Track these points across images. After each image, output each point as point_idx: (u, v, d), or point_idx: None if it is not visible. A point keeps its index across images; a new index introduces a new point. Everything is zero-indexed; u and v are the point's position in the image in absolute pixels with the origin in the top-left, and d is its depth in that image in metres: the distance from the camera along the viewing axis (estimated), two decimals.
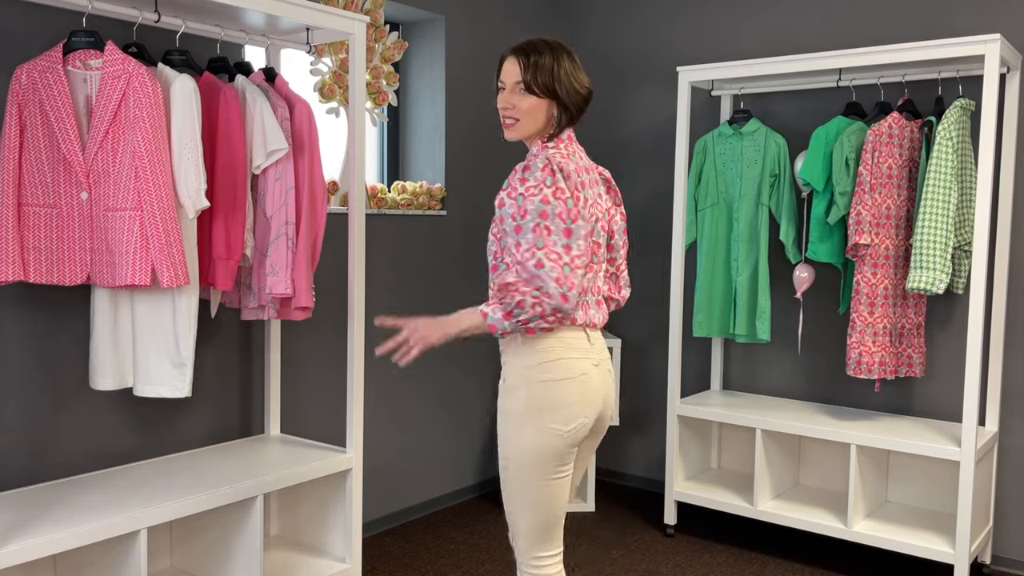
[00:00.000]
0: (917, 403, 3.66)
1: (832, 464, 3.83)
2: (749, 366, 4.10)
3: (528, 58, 2.02)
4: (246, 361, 3.23)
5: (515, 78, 2.04)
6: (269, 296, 2.75)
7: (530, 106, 2.03)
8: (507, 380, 2.04)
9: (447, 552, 3.58)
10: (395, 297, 3.81)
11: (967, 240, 3.31)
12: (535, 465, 2.01)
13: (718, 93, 4.01)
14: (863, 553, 3.65)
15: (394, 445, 3.86)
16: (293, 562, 2.98)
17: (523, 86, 2.04)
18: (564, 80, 2.04)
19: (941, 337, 3.59)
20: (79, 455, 2.75)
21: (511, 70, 2.05)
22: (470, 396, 4.23)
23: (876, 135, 3.30)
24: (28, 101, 2.39)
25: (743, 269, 3.73)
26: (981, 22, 3.46)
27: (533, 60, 2.02)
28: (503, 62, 2.08)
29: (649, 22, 4.35)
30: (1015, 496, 3.47)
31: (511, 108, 2.05)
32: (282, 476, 2.76)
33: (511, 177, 2.00)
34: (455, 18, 4.02)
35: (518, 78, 2.04)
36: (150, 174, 2.38)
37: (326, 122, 3.72)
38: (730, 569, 3.45)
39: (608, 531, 3.85)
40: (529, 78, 2.02)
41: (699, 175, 3.85)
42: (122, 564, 2.44)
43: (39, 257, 2.41)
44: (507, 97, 2.05)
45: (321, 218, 2.86)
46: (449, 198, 4.05)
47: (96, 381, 2.58)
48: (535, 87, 2.02)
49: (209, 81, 2.68)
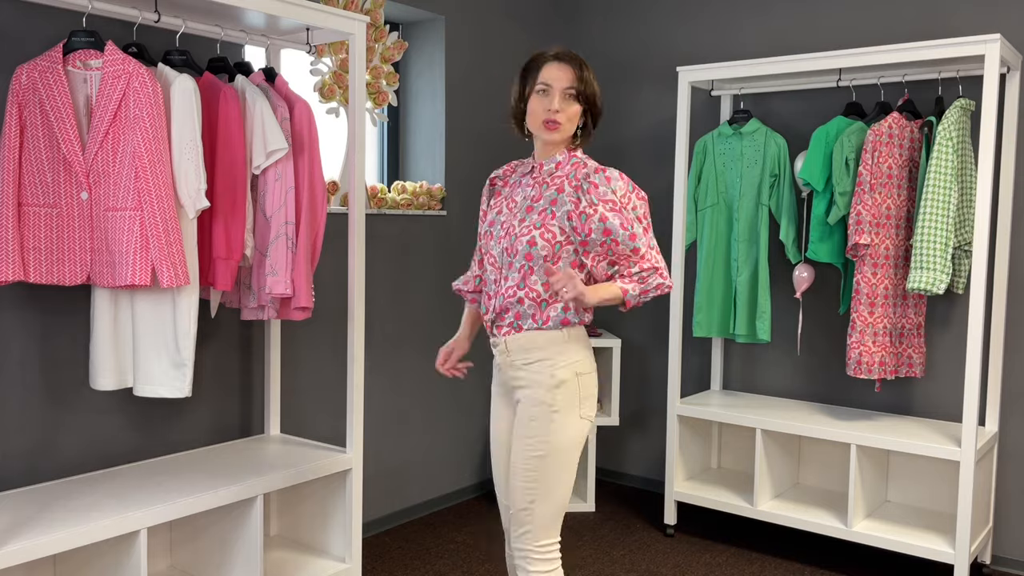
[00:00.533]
0: (917, 403, 3.66)
1: (832, 464, 3.82)
2: (749, 366, 4.10)
3: (581, 69, 2.16)
4: (246, 361, 3.23)
5: (566, 84, 2.15)
6: (269, 296, 2.75)
7: (574, 112, 2.17)
8: (556, 375, 2.13)
9: (447, 552, 3.58)
10: (395, 297, 3.81)
11: (967, 240, 3.31)
12: (574, 454, 2.17)
13: (718, 93, 4.01)
14: (863, 553, 3.65)
15: (394, 445, 3.86)
16: (293, 562, 2.98)
17: (573, 93, 2.16)
18: (600, 95, 2.22)
19: (941, 337, 3.59)
20: (79, 455, 2.75)
21: (562, 76, 2.15)
22: (470, 396, 4.23)
23: (876, 135, 3.30)
24: (28, 101, 2.39)
25: (743, 269, 3.73)
26: (981, 22, 3.46)
27: (584, 72, 2.16)
28: (545, 65, 2.17)
29: (649, 22, 4.35)
30: (1015, 496, 3.47)
31: (559, 112, 2.15)
32: (282, 476, 2.76)
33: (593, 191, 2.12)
34: (455, 18, 4.02)
35: (569, 85, 2.15)
36: (150, 174, 2.38)
37: (326, 122, 3.72)
38: (730, 569, 3.45)
39: (608, 531, 3.85)
40: (581, 88, 2.16)
41: (699, 175, 3.85)
42: (122, 564, 2.44)
43: (39, 257, 2.41)
44: (557, 101, 2.14)
45: (321, 218, 2.86)
46: (449, 198, 4.05)
47: (96, 381, 2.58)
48: (583, 96, 2.17)
49: (209, 81, 2.68)
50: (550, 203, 2.16)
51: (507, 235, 2.19)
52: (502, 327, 2.20)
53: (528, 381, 2.16)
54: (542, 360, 2.15)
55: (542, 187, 2.20)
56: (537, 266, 2.14)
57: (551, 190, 2.18)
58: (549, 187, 2.19)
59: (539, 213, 2.15)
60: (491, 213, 2.28)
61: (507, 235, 2.19)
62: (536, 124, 2.17)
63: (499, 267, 2.21)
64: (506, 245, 2.18)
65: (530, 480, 2.13)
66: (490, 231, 2.25)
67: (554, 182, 2.19)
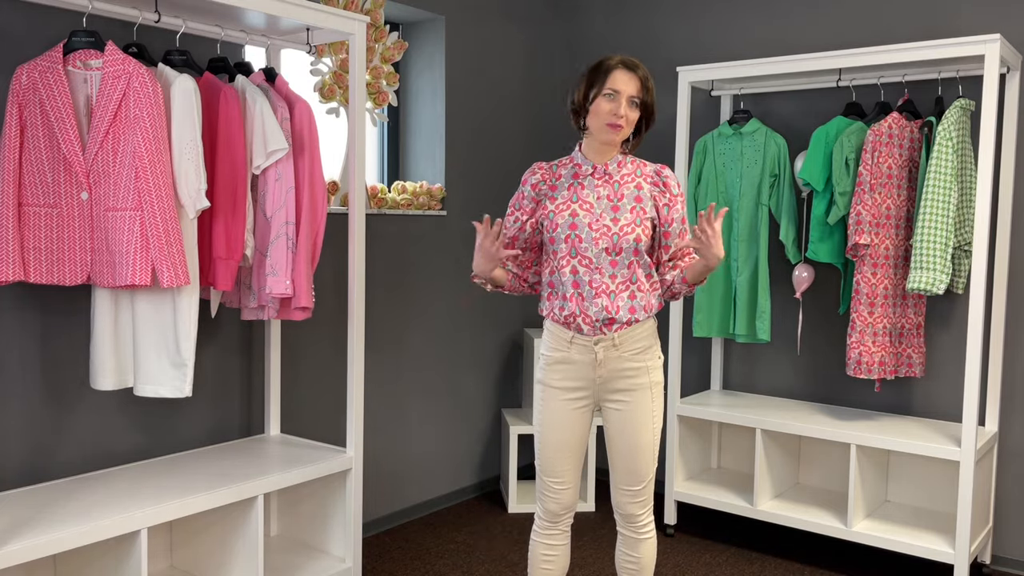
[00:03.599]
0: (917, 403, 3.66)
1: (832, 464, 3.83)
2: (749, 366, 4.10)
3: (646, 80, 2.34)
4: (246, 361, 3.23)
5: (633, 92, 2.32)
6: (269, 296, 2.75)
7: (634, 119, 2.35)
8: (660, 356, 2.44)
9: (447, 552, 3.58)
10: (395, 297, 3.81)
11: (967, 240, 3.31)
12: None
13: (718, 93, 4.01)
14: (863, 553, 3.65)
15: (394, 445, 3.86)
16: (293, 562, 2.98)
17: (637, 102, 2.34)
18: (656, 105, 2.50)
19: (941, 337, 3.59)
20: (79, 455, 2.75)
21: (631, 84, 2.31)
22: (470, 396, 4.23)
23: (876, 135, 3.30)
24: (28, 101, 2.39)
25: (743, 269, 3.73)
26: (981, 22, 3.46)
27: (648, 83, 2.35)
28: (614, 71, 2.31)
29: (649, 22, 4.35)
30: (1015, 496, 3.47)
31: (623, 117, 2.31)
32: (282, 476, 2.76)
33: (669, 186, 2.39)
34: (455, 18, 4.02)
35: (635, 93, 2.32)
36: (150, 174, 2.38)
37: (326, 122, 3.72)
38: (730, 569, 3.45)
39: (608, 531, 3.85)
40: (645, 97, 2.35)
41: (699, 175, 3.85)
42: (122, 564, 2.44)
43: (39, 257, 2.41)
44: (623, 107, 2.31)
45: (321, 218, 2.86)
46: (449, 198, 4.05)
47: (96, 381, 2.58)
48: (644, 105, 2.36)
49: (209, 81, 2.68)
50: (635, 200, 2.36)
51: (604, 235, 2.33)
52: (613, 323, 2.34)
53: (641, 369, 2.38)
54: (650, 347, 2.40)
55: (614, 186, 2.38)
56: (642, 261, 2.35)
57: (630, 188, 2.37)
58: (622, 186, 2.38)
59: (630, 211, 2.35)
60: (559, 217, 2.36)
61: (604, 235, 2.33)
62: (599, 125, 2.32)
63: (596, 266, 2.34)
64: (607, 245, 2.33)
65: (655, 452, 2.42)
66: (572, 233, 2.34)
67: (626, 180, 2.38)
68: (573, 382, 2.39)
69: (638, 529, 2.48)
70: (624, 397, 2.38)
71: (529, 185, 2.44)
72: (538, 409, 2.44)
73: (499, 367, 4.39)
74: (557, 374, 2.40)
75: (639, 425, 2.39)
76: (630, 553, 2.50)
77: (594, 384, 2.39)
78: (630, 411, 2.38)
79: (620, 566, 2.53)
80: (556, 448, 2.41)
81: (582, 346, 2.36)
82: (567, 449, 2.42)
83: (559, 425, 2.40)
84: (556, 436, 2.41)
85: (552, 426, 2.41)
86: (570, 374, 2.39)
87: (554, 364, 2.40)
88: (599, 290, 2.33)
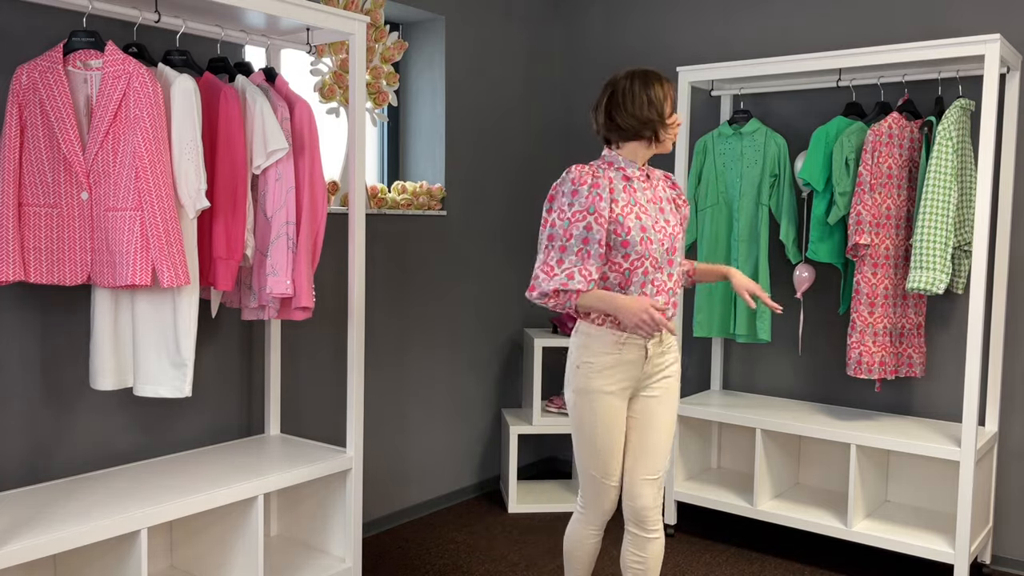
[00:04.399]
0: (917, 403, 3.66)
1: (832, 464, 3.83)
2: (749, 366, 4.10)
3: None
4: (246, 361, 3.23)
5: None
6: (269, 296, 2.75)
7: None
8: (678, 354, 2.56)
9: (447, 552, 3.58)
10: (395, 297, 3.81)
11: (967, 240, 3.31)
12: None
13: (718, 93, 4.01)
14: (863, 553, 3.65)
15: (394, 445, 3.86)
16: (293, 562, 2.98)
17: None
18: None
19: (941, 337, 3.59)
20: (79, 455, 2.75)
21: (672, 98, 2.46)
22: (470, 396, 4.23)
23: (876, 135, 3.30)
24: (28, 101, 2.39)
25: (743, 269, 3.73)
26: (981, 22, 3.46)
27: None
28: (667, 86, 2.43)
29: (648, 22, 4.35)
30: (1015, 496, 3.47)
31: None
32: (282, 476, 2.77)
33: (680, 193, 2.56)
34: (455, 18, 4.02)
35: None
36: (150, 174, 2.38)
37: (326, 122, 3.72)
38: (730, 569, 3.45)
39: (608, 531, 3.85)
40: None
41: (699, 175, 3.86)
42: (122, 564, 2.44)
43: (39, 257, 2.41)
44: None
45: (321, 218, 2.86)
46: (449, 198, 4.05)
47: (96, 381, 2.58)
48: None
49: (209, 81, 2.68)
50: (670, 203, 2.50)
51: (665, 236, 2.43)
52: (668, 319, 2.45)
53: (672, 359, 2.52)
54: (672, 346, 2.54)
55: (655, 190, 2.49)
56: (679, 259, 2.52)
57: (663, 191, 2.50)
58: (656, 190, 2.49)
59: (671, 213, 2.48)
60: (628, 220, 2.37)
61: (665, 236, 2.43)
62: (670, 136, 2.45)
63: (659, 266, 2.42)
64: (668, 245, 2.43)
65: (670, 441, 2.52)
66: (644, 235, 2.38)
67: (657, 185, 2.50)
68: (624, 383, 2.43)
69: (648, 527, 2.50)
70: (662, 384, 2.49)
71: (601, 188, 2.35)
72: (587, 418, 2.42)
73: (499, 367, 4.39)
74: (609, 379, 2.40)
75: (672, 408, 2.52)
76: (638, 553, 2.50)
77: (639, 381, 2.46)
78: (667, 396, 2.50)
79: (626, 566, 2.53)
80: (613, 452, 2.46)
81: (634, 345, 2.40)
82: (620, 449, 2.48)
83: (616, 427, 2.44)
84: (613, 438, 2.45)
85: (610, 429, 2.43)
86: (621, 375, 2.41)
87: (605, 370, 2.40)
88: (660, 288, 2.42)
